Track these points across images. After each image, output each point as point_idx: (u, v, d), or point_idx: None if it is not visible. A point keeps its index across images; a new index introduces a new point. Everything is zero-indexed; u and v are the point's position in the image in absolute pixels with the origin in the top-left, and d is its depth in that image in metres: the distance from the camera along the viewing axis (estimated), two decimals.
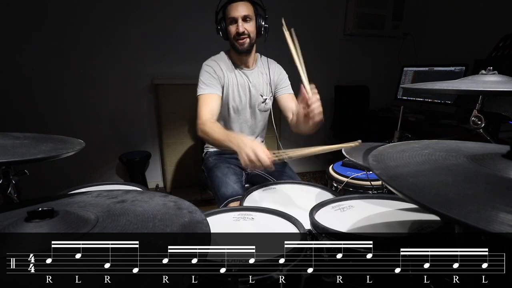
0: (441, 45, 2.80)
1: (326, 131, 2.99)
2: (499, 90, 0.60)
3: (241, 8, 1.25)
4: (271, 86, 1.43)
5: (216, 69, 1.32)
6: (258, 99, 1.41)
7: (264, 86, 1.42)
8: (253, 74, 1.40)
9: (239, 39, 1.26)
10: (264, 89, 1.42)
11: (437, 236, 0.63)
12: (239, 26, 1.25)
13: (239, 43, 1.27)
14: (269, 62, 1.45)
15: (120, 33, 2.23)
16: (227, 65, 1.36)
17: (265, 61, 1.44)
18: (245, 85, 1.38)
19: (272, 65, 1.45)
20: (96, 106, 2.30)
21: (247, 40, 1.28)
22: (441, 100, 2.20)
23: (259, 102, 1.42)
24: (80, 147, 0.67)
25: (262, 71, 1.43)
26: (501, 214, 0.32)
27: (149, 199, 0.58)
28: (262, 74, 1.42)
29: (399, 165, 0.49)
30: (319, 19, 2.71)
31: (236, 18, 1.25)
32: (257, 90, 1.40)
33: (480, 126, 0.72)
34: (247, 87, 1.38)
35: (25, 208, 0.49)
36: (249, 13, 1.26)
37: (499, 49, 1.26)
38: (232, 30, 1.27)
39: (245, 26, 1.26)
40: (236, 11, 1.24)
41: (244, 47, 1.28)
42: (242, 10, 1.24)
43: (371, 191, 1.16)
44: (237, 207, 0.92)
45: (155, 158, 2.52)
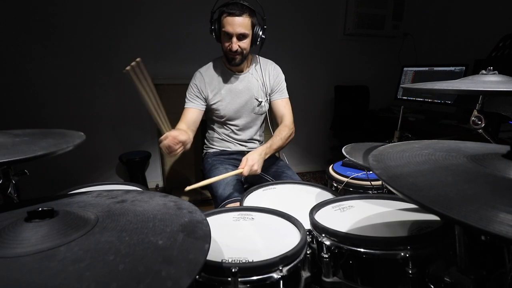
0: (441, 45, 2.80)
1: (326, 131, 2.99)
2: (499, 90, 0.60)
3: (238, 24, 1.18)
4: (266, 90, 1.41)
5: (200, 85, 1.34)
6: (253, 102, 1.41)
7: (259, 90, 1.40)
8: (247, 78, 1.39)
9: (231, 54, 1.24)
10: (259, 93, 1.41)
11: (437, 236, 0.63)
12: (232, 44, 1.21)
13: (230, 58, 1.26)
14: (265, 64, 1.41)
15: (120, 33, 2.23)
16: (220, 72, 1.36)
17: (260, 62, 1.40)
18: (239, 89, 1.37)
19: (268, 66, 1.42)
20: (96, 106, 2.30)
21: (238, 57, 1.26)
22: (441, 100, 2.20)
23: (254, 106, 1.41)
24: (80, 140, 0.66)
25: (256, 74, 1.40)
26: (501, 214, 0.32)
27: (149, 199, 0.58)
28: (256, 78, 1.40)
29: (399, 165, 0.49)
30: (319, 19, 2.71)
31: (231, 35, 1.20)
32: (251, 94, 1.39)
33: (480, 126, 0.72)
34: (241, 91, 1.38)
35: (25, 208, 0.49)
36: (245, 31, 1.20)
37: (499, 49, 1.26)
38: (225, 44, 1.24)
39: (239, 44, 1.22)
40: (232, 27, 1.18)
41: (236, 62, 1.27)
42: (239, 27, 1.18)
43: (371, 191, 1.16)
44: (237, 207, 0.92)
45: (155, 158, 2.52)
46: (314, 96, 2.82)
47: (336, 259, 0.67)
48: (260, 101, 1.41)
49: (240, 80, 1.38)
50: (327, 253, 0.67)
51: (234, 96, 1.37)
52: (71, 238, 0.42)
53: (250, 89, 1.39)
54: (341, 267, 0.67)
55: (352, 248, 0.64)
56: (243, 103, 1.39)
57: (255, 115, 1.44)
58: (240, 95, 1.38)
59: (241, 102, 1.39)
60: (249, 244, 0.70)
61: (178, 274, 0.36)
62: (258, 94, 1.40)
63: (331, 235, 0.67)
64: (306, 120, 2.82)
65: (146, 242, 0.42)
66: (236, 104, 1.38)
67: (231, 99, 1.37)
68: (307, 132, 2.92)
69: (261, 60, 1.41)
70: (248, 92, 1.38)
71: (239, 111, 1.40)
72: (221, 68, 1.37)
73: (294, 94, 2.87)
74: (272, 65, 1.44)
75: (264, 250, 0.66)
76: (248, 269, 0.58)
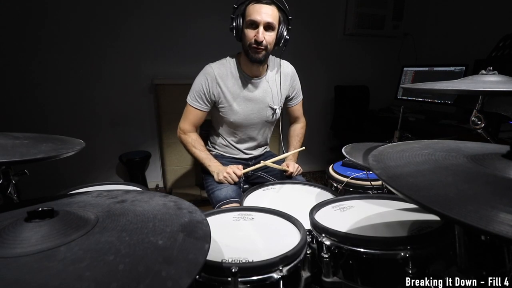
0: (441, 45, 2.80)
1: (326, 131, 2.99)
2: (499, 90, 0.60)
3: (266, 12, 1.07)
4: (282, 97, 1.30)
5: (212, 85, 1.21)
6: (267, 111, 1.29)
7: (274, 97, 1.29)
8: (263, 85, 1.26)
9: (255, 47, 1.11)
10: (274, 100, 1.29)
11: (437, 236, 0.63)
12: (259, 34, 1.08)
13: (253, 52, 1.12)
14: (283, 67, 1.30)
15: (120, 33, 2.23)
16: (234, 74, 1.22)
17: (277, 65, 1.28)
18: (253, 96, 1.25)
19: (286, 70, 1.31)
20: (96, 106, 2.30)
21: (263, 52, 1.12)
22: (441, 100, 2.20)
23: (267, 114, 1.30)
24: (80, 147, 0.67)
25: (273, 81, 1.28)
26: (501, 214, 0.32)
27: (149, 199, 0.58)
28: (273, 84, 1.28)
29: (399, 165, 0.49)
30: (319, 19, 2.71)
31: (258, 23, 1.08)
32: (265, 102, 1.28)
33: (480, 126, 0.72)
34: (255, 99, 1.26)
35: (25, 208, 0.49)
36: (273, 20, 1.09)
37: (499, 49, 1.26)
38: (250, 35, 1.10)
39: (265, 35, 1.10)
40: (260, 14, 1.07)
41: (259, 57, 1.13)
42: (267, 16, 1.07)
43: (371, 191, 1.16)
44: (237, 207, 0.92)
45: (155, 158, 2.52)
46: (314, 96, 2.81)
47: (336, 259, 0.67)
48: (274, 108, 1.30)
49: (255, 87, 1.25)
50: (327, 253, 0.67)
51: (247, 103, 1.25)
52: (71, 238, 0.42)
53: (265, 96, 1.27)
54: (341, 267, 0.67)
55: (352, 248, 0.64)
56: (255, 111, 1.28)
57: (267, 123, 1.34)
58: (253, 103, 1.26)
59: (254, 110, 1.27)
60: (249, 244, 0.70)
61: (178, 274, 0.36)
62: (272, 101, 1.29)
63: (331, 235, 0.67)
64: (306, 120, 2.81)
65: (146, 242, 0.42)
66: (247, 112, 1.26)
67: (244, 107, 1.25)
68: (307, 132, 2.91)
69: (277, 62, 1.29)
70: (262, 100, 1.27)
71: (251, 119, 1.28)
72: (236, 70, 1.23)
73: None
74: (290, 68, 1.34)
75: (264, 250, 0.66)
76: (248, 269, 0.58)
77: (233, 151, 1.38)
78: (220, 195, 1.17)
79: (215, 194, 1.20)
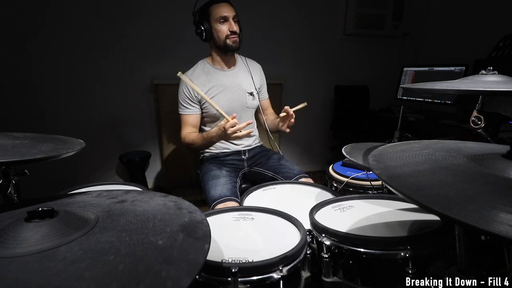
0: (441, 45, 2.80)
1: (326, 131, 2.99)
2: (499, 90, 0.60)
3: (229, 8, 1.29)
4: (255, 83, 1.46)
5: (190, 88, 1.33)
6: (245, 96, 1.43)
7: (249, 83, 1.44)
8: (236, 73, 1.43)
9: (232, 37, 1.29)
10: (249, 85, 1.44)
11: (437, 236, 0.63)
12: (232, 25, 1.28)
13: (232, 41, 1.30)
14: (249, 62, 1.48)
15: (120, 33, 2.22)
16: (207, 70, 1.38)
17: (244, 61, 1.48)
18: (229, 84, 1.39)
19: (252, 66, 1.49)
20: (96, 106, 2.30)
21: (238, 39, 1.32)
22: (441, 100, 2.20)
23: (246, 99, 1.43)
24: (80, 147, 0.67)
25: (244, 71, 1.45)
26: (501, 214, 0.32)
27: (149, 199, 0.58)
28: (245, 73, 1.45)
29: (399, 165, 0.49)
30: (319, 19, 2.71)
31: (228, 17, 1.28)
32: (242, 88, 1.41)
33: (480, 126, 0.72)
34: (231, 86, 1.39)
35: (25, 208, 0.49)
36: (236, 13, 1.31)
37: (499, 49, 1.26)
38: (223, 29, 1.29)
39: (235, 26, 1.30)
40: (227, 11, 1.28)
41: (237, 43, 1.32)
42: (231, 11, 1.29)
43: (371, 191, 1.16)
44: (237, 207, 0.92)
45: (155, 158, 2.52)
46: (314, 96, 2.81)
47: (336, 259, 0.67)
48: (251, 91, 1.43)
49: (229, 75, 1.40)
50: (327, 253, 0.67)
51: (224, 91, 1.38)
52: (71, 238, 0.42)
53: (240, 83, 1.41)
54: (341, 267, 0.67)
55: (352, 248, 0.64)
56: (235, 98, 1.40)
57: (248, 109, 1.45)
58: (230, 90, 1.39)
59: (233, 97, 1.39)
60: (249, 244, 0.70)
61: (178, 274, 0.36)
62: (248, 87, 1.43)
63: (331, 235, 0.67)
64: (306, 120, 2.82)
65: (146, 242, 0.42)
66: (227, 99, 1.38)
67: (222, 95, 1.37)
68: (307, 132, 2.92)
69: (244, 59, 1.48)
70: (238, 86, 1.40)
71: (232, 108, 1.38)
72: (207, 67, 1.40)
73: (294, 93, 2.86)
74: (255, 64, 1.52)
75: (264, 250, 0.66)
76: (248, 269, 0.58)
77: (224, 145, 1.44)
78: (215, 194, 1.18)
79: (210, 194, 1.21)
